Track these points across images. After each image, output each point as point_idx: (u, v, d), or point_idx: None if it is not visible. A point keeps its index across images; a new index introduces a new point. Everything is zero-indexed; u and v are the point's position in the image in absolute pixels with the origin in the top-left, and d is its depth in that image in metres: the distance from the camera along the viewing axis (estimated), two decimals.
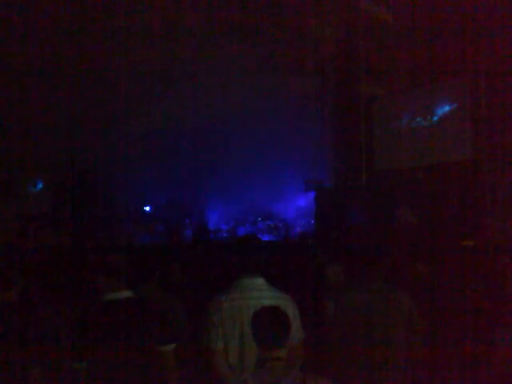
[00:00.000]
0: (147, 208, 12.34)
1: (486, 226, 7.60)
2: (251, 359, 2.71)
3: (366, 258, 3.31)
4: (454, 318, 3.91)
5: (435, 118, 8.66)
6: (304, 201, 11.25)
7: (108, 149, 11.06)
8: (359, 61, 9.35)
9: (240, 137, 10.47)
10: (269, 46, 9.31)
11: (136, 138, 11.06)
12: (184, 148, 11.17)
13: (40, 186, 11.47)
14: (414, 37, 8.52)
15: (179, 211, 11.78)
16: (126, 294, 2.41)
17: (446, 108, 8.54)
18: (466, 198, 7.82)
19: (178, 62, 9.41)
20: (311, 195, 10.46)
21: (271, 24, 9.03)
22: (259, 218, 11.44)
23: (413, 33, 8.54)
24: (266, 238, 10.86)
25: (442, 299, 4.27)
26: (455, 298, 4.42)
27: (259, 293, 2.79)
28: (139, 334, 2.35)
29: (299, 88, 9.92)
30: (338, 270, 4.40)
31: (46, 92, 9.63)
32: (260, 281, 2.85)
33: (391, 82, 9.20)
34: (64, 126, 10.38)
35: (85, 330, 2.30)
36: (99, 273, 2.46)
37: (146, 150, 11.10)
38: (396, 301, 3.20)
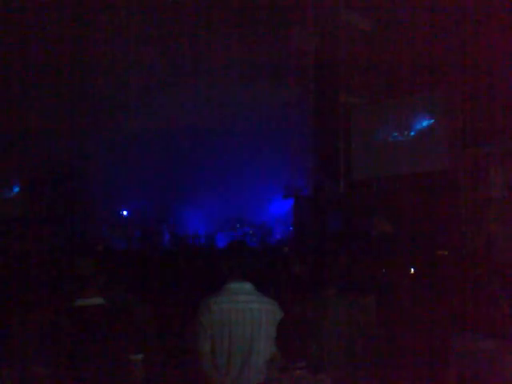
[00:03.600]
0: (124, 212, 12.24)
1: (460, 235, 7.72)
2: (237, 361, 2.83)
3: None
4: (419, 326, 3.97)
5: (412, 133, 8.78)
6: (283, 208, 11.29)
7: (86, 151, 10.97)
8: (338, 70, 9.44)
9: (221, 142, 10.48)
10: (251, 53, 9.36)
11: (113, 142, 10.96)
12: (162, 152, 11.11)
13: (16, 189, 11.30)
14: (393, 47, 8.64)
15: (157, 216, 11.72)
16: (96, 300, 2.39)
17: (424, 123, 8.67)
18: (442, 207, 7.93)
19: (160, 67, 9.40)
20: (290, 202, 10.51)
21: (254, 32, 9.09)
22: (238, 224, 11.44)
23: (392, 43, 8.66)
24: None
25: (414, 306, 4.32)
26: (427, 305, 4.48)
27: (247, 297, 2.91)
28: (107, 342, 2.32)
29: (280, 95, 9.97)
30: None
31: (24, 92, 9.53)
32: (248, 286, 2.96)
33: (370, 92, 9.30)
34: (42, 127, 10.25)
35: (53, 335, 2.27)
36: (68, 278, 2.43)
37: (123, 152, 11.01)
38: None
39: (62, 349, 2.24)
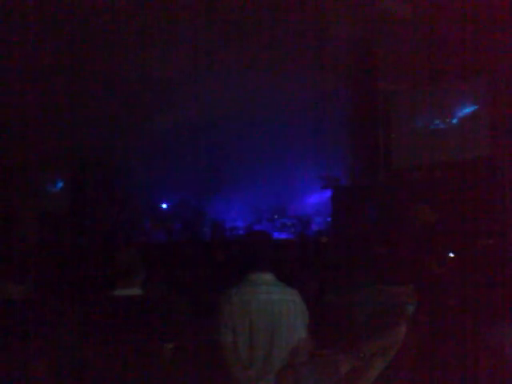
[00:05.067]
0: (164, 206, 12.41)
1: (504, 224, 7.47)
2: (260, 353, 2.81)
3: None
4: (464, 318, 3.86)
5: (454, 121, 8.54)
6: (321, 199, 11.19)
7: (126, 146, 11.15)
8: (377, 57, 9.26)
9: (257, 134, 10.46)
10: (287, 42, 9.27)
11: (151, 136, 11.12)
12: (200, 145, 11.19)
13: (60, 185, 11.61)
14: (434, 33, 8.40)
15: (196, 209, 11.82)
16: (134, 291, 2.43)
17: (466, 110, 8.42)
18: (486, 195, 7.70)
19: (196, 58, 9.42)
20: (328, 193, 10.41)
21: (289, 21, 8.99)
22: (275, 216, 11.42)
23: (432, 29, 8.42)
24: (282, 235, 10.83)
25: (457, 299, 4.20)
26: (470, 297, 4.35)
27: (268, 287, 2.88)
28: (141, 331, 2.36)
29: (316, 85, 9.85)
30: None
31: (66, 90, 9.75)
32: (269, 276, 2.92)
33: (410, 78, 9.08)
34: (83, 123, 10.49)
35: (89, 323, 2.33)
36: (108, 269, 2.49)
37: (161, 146, 11.15)
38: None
39: (98, 336, 2.29)
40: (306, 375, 2.27)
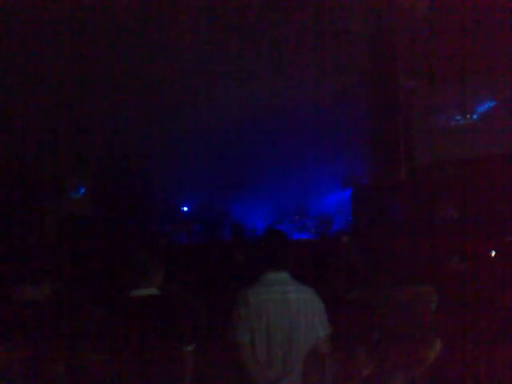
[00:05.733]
0: (185, 208, 12.48)
1: None
2: (278, 353, 2.76)
3: None
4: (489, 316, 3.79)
5: (475, 117, 8.42)
6: (342, 198, 11.12)
7: (147, 149, 11.25)
8: (396, 54, 9.15)
9: (278, 134, 10.44)
10: (306, 40, 9.21)
11: (173, 138, 11.19)
12: (220, 147, 11.22)
13: (82, 191, 11.79)
14: (453, 29, 8.27)
15: (216, 211, 11.86)
16: (151, 291, 2.44)
17: (486, 105, 8.29)
18: (508, 191, 7.55)
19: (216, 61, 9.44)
20: (349, 192, 10.33)
21: (308, 18, 8.93)
22: (296, 216, 11.39)
23: (452, 25, 8.30)
24: (302, 235, 10.79)
25: (481, 297, 4.12)
26: (495, 296, 4.26)
27: (284, 287, 2.83)
28: (160, 332, 2.36)
29: (336, 83, 9.78)
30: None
31: (86, 97, 9.86)
32: (285, 275, 2.88)
33: (430, 74, 8.96)
34: (105, 128, 10.62)
35: (108, 324, 2.34)
36: (125, 270, 2.49)
37: (181, 149, 11.21)
38: None
39: (117, 337, 2.30)
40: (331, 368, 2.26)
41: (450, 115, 8.65)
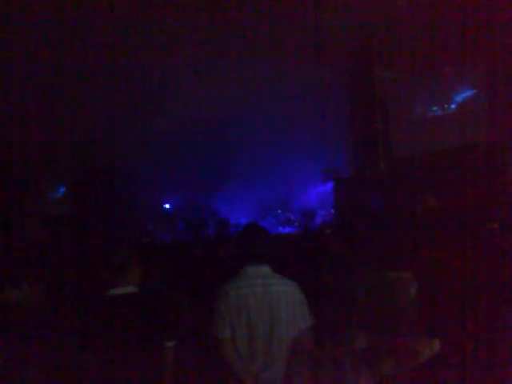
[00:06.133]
0: (167, 206, 12.42)
1: (508, 208, 7.42)
2: (260, 346, 2.77)
3: None
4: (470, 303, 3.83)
5: (452, 106, 8.47)
6: (324, 191, 11.17)
7: (127, 147, 11.15)
8: (374, 46, 9.19)
9: (257, 129, 10.43)
10: (284, 33, 9.18)
11: (152, 136, 11.10)
12: (201, 143, 11.18)
13: (62, 190, 11.65)
14: (430, 19, 8.32)
15: (199, 207, 11.83)
16: (130, 289, 2.42)
17: (464, 95, 8.35)
18: (488, 180, 7.65)
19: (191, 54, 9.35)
20: (330, 185, 10.38)
21: (285, 11, 8.89)
22: (279, 210, 11.42)
23: (429, 14, 8.34)
24: (286, 229, 10.83)
25: (461, 282, 4.18)
26: (475, 281, 4.32)
27: (265, 280, 2.84)
28: (139, 329, 2.34)
29: (315, 76, 9.79)
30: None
31: (65, 93, 9.73)
32: (266, 269, 2.88)
33: (408, 66, 9.01)
34: (84, 126, 10.49)
35: (87, 324, 2.32)
36: (104, 268, 2.47)
37: (162, 146, 11.13)
38: None
39: (97, 336, 2.28)
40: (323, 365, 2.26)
41: (428, 106, 8.72)
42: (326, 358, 2.29)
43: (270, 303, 2.75)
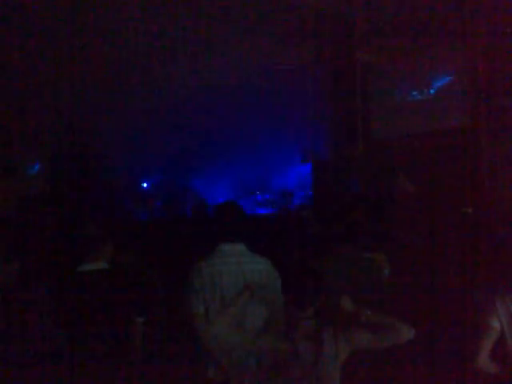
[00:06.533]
0: (144, 185, 12.32)
1: (484, 192, 7.54)
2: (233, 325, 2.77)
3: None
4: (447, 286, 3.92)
5: (432, 92, 8.51)
6: (303, 172, 11.20)
7: (103, 126, 10.98)
8: (354, 29, 9.15)
9: (234, 109, 10.36)
10: (261, 15, 9.09)
11: (129, 115, 10.94)
12: (178, 123, 11.05)
13: (37, 167, 11.46)
14: (409, 3, 8.31)
15: (176, 187, 11.76)
16: (99, 265, 2.40)
17: (443, 80, 8.38)
18: (465, 164, 7.74)
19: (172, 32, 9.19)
20: (309, 167, 10.39)
21: None
22: (257, 191, 11.42)
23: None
24: (264, 210, 10.85)
25: (434, 264, 4.25)
26: (452, 265, 4.40)
27: (239, 258, 2.85)
28: (108, 305, 2.33)
29: (294, 57, 9.73)
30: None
31: (41, 69, 9.51)
32: (240, 247, 2.90)
33: (387, 50, 9.01)
34: (59, 103, 10.28)
35: (58, 299, 2.30)
36: (75, 244, 2.44)
37: (140, 125, 10.99)
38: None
39: (66, 311, 2.26)
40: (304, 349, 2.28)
41: (407, 90, 8.75)
42: (304, 330, 2.32)
43: (244, 281, 2.77)
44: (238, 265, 2.79)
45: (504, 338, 2.63)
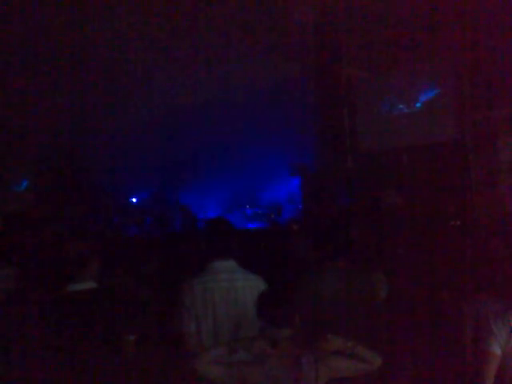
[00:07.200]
0: (134, 200, 12.26)
1: (472, 205, 7.60)
2: (225, 341, 2.74)
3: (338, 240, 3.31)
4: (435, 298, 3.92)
5: (418, 105, 8.58)
6: (293, 186, 11.22)
7: (92, 141, 10.95)
8: (340, 43, 9.24)
9: (222, 124, 10.38)
10: (250, 28, 9.15)
11: (117, 130, 10.92)
12: (165, 137, 11.05)
13: (24, 184, 11.36)
14: (395, 17, 8.41)
15: (166, 202, 11.72)
16: (88, 284, 2.38)
17: (430, 93, 8.47)
18: (453, 177, 7.80)
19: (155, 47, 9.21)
20: (298, 180, 10.42)
21: (251, 6, 8.86)
22: (247, 206, 11.42)
23: (394, 12, 8.42)
24: (253, 224, 10.84)
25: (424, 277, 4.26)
26: (437, 276, 4.41)
27: (230, 275, 2.84)
28: (98, 325, 2.30)
29: (280, 72, 9.80)
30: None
31: (26, 85, 9.47)
32: (231, 263, 2.89)
33: (374, 64, 9.10)
34: (48, 118, 10.24)
35: (45, 324, 2.27)
36: (62, 264, 2.42)
37: (128, 140, 10.95)
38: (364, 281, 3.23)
39: (54, 333, 2.23)
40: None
41: (394, 103, 8.82)
42: (285, 356, 2.28)
43: (236, 298, 2.76)
44: (229, 282, 2.78)
45: (504, 364, 2.51)
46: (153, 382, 2.56)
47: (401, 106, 8.71)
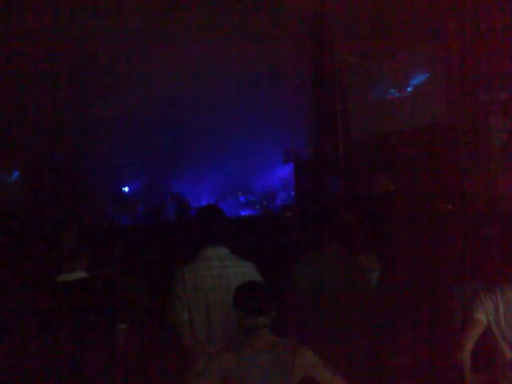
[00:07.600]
0: (126, 189, 12.21)
1: (463, 188, 7.63)
2: (218, 329, 2.75)
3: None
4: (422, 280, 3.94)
5: (409, 89, 8.58)
6: (284, 173, 11.20)
7: (84, 130, 10.86)
8: (333, 28, 9.19)
9: (215, 110, 10.32)
10: (241, 15, 9.07)
11: (109, 119, 10.83)
12: (160, 125, 10.98)
13: (15, 175, 11.30)
14: (387, 4, 8.37)
15: (159, 191, 11.69)
16: (78, 274, 2.37)
17: (421, 77, 8.46)
18: (444, 161, 7.82)
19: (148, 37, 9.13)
20: (291, 167, 10.41)
21: None
22: (239, 193, 11.39)
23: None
24: (246, 212, 10.84)
25: (417, 262, 4.28)
26: (429, 260, 4.43)
27: (222, 262, 2.81)
28: (89, 314, 2.31)
29: (273, 58, 9.74)
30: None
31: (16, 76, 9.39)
32: (223, 250, 2.85)
33: (365, 49, 9.06)
34: (39, 107, 10.17)
35: (38, 311, 2.27)
36: (53, 254, 2.41)
37: (119, 129, 10.87)
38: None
39: (46, 323, 2.23)
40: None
41: (386, 88, 8.81)
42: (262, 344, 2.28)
43: (228, 285, 2.73)
44: (221, 268, 2.75)
45: (491, 333, 2.72)
46: (144, 369, 2.57)
47: (392, 91, 8.72)
